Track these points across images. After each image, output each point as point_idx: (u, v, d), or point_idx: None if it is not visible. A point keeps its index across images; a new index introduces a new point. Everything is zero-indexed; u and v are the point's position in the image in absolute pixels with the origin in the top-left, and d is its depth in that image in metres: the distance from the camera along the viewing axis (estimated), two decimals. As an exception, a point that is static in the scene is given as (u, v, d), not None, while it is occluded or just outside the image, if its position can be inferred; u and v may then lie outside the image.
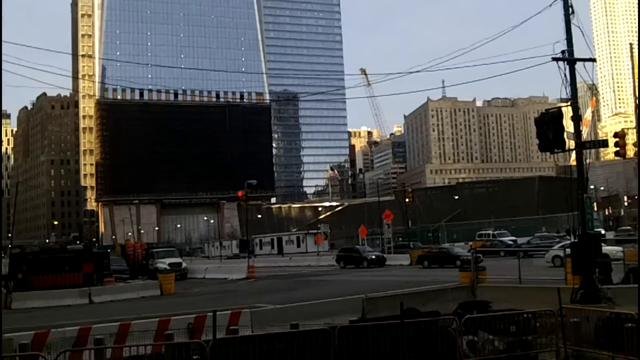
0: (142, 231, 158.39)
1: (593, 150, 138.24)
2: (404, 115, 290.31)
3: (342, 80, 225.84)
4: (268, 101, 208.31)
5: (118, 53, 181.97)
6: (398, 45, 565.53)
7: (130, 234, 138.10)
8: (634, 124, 32.77)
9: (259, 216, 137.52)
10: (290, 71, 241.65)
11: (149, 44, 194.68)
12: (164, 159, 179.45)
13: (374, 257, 51.19)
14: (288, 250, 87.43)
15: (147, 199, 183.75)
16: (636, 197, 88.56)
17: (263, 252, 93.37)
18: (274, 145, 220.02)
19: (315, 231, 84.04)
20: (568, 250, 23.84)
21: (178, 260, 52.76)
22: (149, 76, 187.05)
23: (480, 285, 21.86)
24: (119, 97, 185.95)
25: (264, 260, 69.52)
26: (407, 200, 72.59)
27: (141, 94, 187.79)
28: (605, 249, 27.72)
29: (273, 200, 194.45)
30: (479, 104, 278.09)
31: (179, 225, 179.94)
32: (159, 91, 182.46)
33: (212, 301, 28.79)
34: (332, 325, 12.74)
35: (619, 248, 31.78)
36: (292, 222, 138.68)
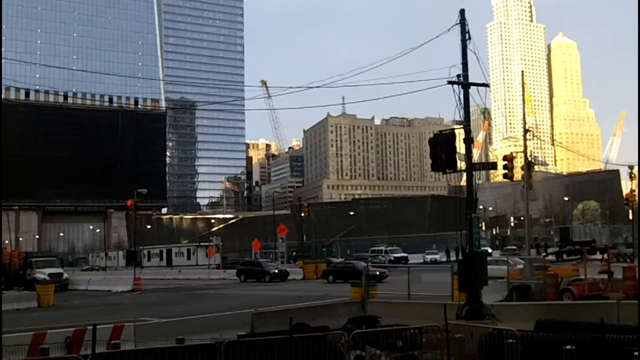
0: (20, 239, 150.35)
1: (484, 172, 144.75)
2: (303, 130, 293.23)
3: (242, 91, 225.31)
4: (164, 108, 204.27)
5: (3, 49, 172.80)
6: (300, 59, 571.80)
7: (7, 241, 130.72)
8: (522, 148, 34.68)
9: (149, 227, 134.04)
10: (188, 79, 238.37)
11: (38, 42, 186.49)
12: (48, 163, 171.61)
13: (276, 271, 50.60)
14: (178, 263, 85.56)
15: (27, 205, 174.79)
16: (522, 218, 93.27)
17: (151, 264, 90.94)
18: (167, 154, 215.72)
19: (207, 244, 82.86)
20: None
21: (59, 270, 50.60)
22: (37, 76, 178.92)
23: (371, 301, 22.27)
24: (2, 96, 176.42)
25: (152, 273, 67.77)
26: (302, 214, 73.06)
27: (27, 94, 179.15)
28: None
29: (164, 210, 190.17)
30: (377, 122, 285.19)
31: (61, 234, 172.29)
32: (47, 92, 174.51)
33: (93, 314, 27.74)
34: (219, 340, 12.57)
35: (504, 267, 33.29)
36: (183, 234, 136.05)
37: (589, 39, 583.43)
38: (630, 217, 64.38)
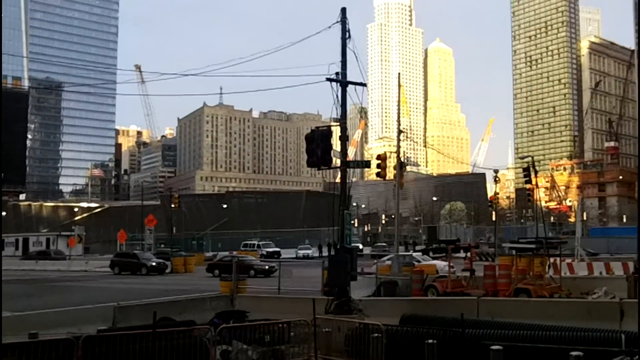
0: None
1: (359, 170, 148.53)
2: (178, 118, 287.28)
3: (114, 74, 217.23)
4: (26, 87, 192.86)
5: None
6: (182, 48, 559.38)
7: None
8: (396, 149, 35.88)
9: (4, 213, 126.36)
10: (56, 58, 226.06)
11: None
12: None
13: (154, 264, 48.68)
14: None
15: None
16: (393, 216, 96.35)
17: (5, 254, 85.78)
18: (29, 136, 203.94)
19: (68, 233, 79.27)
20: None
21: None
22: None
23: (240, 295, 22.24)
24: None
25: (5, 263, 63.87)
26: (172, 205, 71.56)
27: None
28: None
29: (22, 196, 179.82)
30: (255, 114, 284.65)
31: None
32: None
33: None
34: (77, 335, 12.08)
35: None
36: (42, 222, 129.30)
37: (464, 47, 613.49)
38: (494, 219, 68.31)
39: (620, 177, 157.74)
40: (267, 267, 39.81)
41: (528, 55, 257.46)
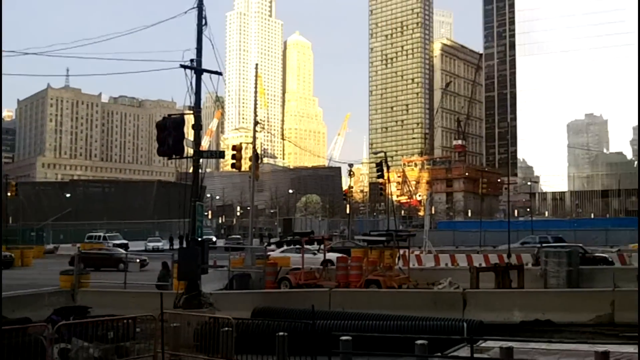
0: None
1: (214, 160, 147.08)
2: (18, 100, 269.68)
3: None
4: None
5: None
6: (31, 25, 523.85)
7: None
8: (251, 140, 35.77)
9: None
10: None
11: None
12: None
13: None
14: None
15: None
16: (249, 208, 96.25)
17: None
18: None
19: None
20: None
21: None
22: None
23: (82, 290, 21.24)
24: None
25: None
26: (9, 194, 67.04)
27: None
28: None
29: None
30: (104, 99, 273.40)
31: None
32: None
33: None
34: None
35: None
36: None
37: (323, 41, 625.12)
38: (348, 212, 70.12)
39: (467, 174, 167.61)
40: (137, 260, 38.05)
41: (384, 54, 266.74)
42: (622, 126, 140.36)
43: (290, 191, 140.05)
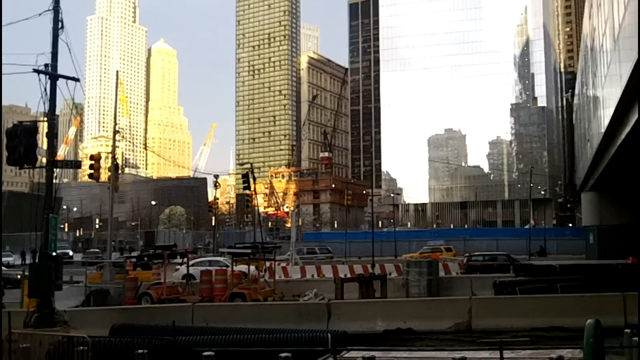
0: None
1: (72, 170, 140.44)
2: None
3: None
4: None
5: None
6: None
7: None
8: (111, 149, 34.42)
9: None
10: None
11: None
12: None
13: None
14: None
15: None
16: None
17: None
18: None
19: None
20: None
21: None
22: None
23: None
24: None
25: None
26: None
27: None
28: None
29: None
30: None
31: None
32: None
33: None
34: None
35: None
36: None
37: (190, 50, 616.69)
38: (213, 224, 69.36)
39: (333, 186, 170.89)
40: (18, 276, 35.13)
41: (251, 64, 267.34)
42: (479, 141, 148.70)
43: (153, 203, 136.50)
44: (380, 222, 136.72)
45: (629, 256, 29.62)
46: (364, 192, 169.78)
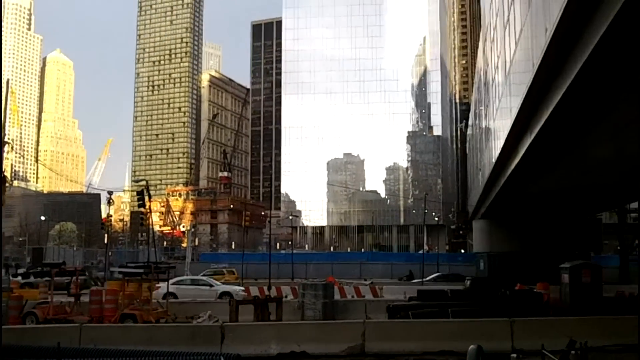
0: None
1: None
2: None
3: None
4: None
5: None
6: None
7: None
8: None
9: None
10: None
11: None
12: None
13: None
14: None
15: None
16: None
17: None
18: None
19: None
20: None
21: None
22: None
23: None
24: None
25: None
26: None
27: None
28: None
29: None
30: None
31: None
32: None
33: None
34: None
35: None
36: None
37: (87, 62, 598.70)
38: (106, 241, 67.12)
39: (231, 206, 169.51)
40: None
41: (151, 80, 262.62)
42: (377, 166, 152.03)
43: (43, 218, 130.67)
44: (278, 244, 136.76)
45: (517, 282, 31.00)
46: (263, 213, 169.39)
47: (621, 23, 11.12)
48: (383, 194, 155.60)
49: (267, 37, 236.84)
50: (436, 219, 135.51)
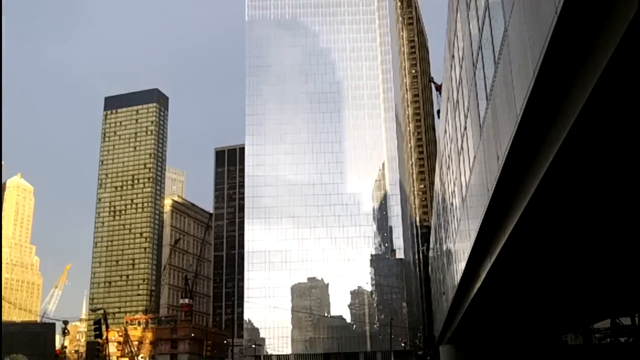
0: None
1: None
2: None
3: None
4: None
5: None
6: None
7: None
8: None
9: None
10: None
11: None
12: None
13: None
14: None
15: None
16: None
17: None
18: None
19: None
20: None
21: None
22: None
23: None
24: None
25: None
26: None
27: None
28: None
29: None
30: None
31: None
32: None
33: None
34: None
35: None
36: None
37: (47, 185, 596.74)
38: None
39: (193, 335, 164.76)
40: None
41: (113, 205, 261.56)
42: (342, 291, 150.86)
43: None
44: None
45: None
46: (225, 341, 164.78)
47: (566, 153, 11.64)
48: (348, 319, 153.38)
49: (230, 163, 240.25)
50: (403, 344, 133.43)
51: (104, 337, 51.54)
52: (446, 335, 58.52)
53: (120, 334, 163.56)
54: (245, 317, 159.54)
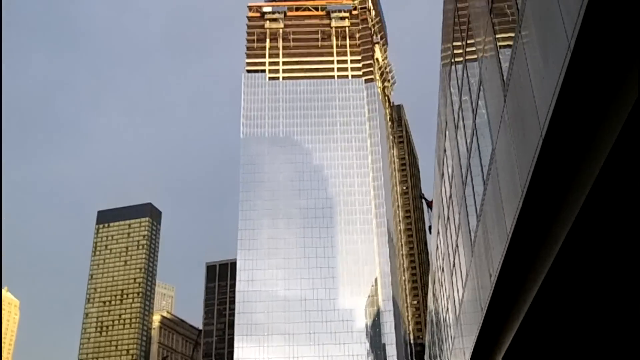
0: None
1: None
2: None
3: None
4: None
5: None
6: None
7: None
8: None
9: None
10: None
11: None
12: None
13: None
14: None
15: None
16: None
17: None
18: None
19: None
20: None
21: None
22: None
23: None
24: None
25: None
26: None
27: None
28: None
29: None
30: None
31: None
32: None
33: None
34: None
35: None
36: None
37: (32, 299, 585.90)
38: None
39: None
40: None
41: (100, 320, 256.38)
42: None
43: None
44: None
45: None
46: None
47: (559, 270, 11.77)
48: None
49: (221, 278, 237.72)
50: None
51: None
52: None
53: None
54: None
